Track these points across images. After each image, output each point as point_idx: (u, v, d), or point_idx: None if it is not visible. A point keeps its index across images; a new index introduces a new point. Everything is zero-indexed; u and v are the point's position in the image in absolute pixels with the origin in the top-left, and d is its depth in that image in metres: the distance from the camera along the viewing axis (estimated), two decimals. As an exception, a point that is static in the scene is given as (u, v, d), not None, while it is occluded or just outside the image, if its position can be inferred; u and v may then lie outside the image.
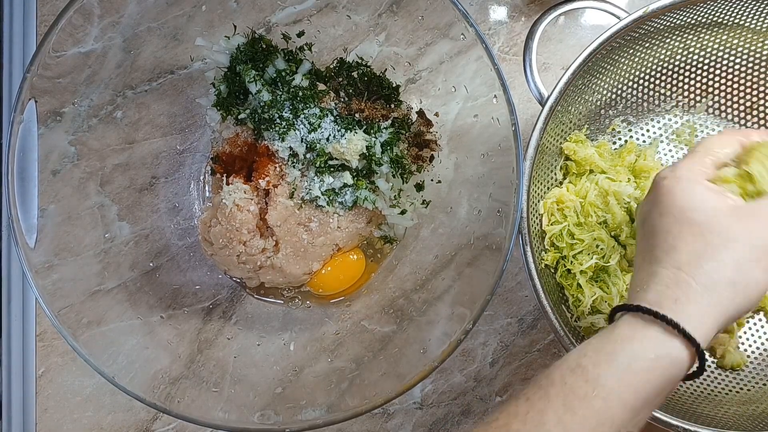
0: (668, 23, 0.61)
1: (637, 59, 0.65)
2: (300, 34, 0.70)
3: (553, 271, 0.64)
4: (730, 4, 0.60)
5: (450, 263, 0.67)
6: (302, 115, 0.64)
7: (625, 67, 0.65)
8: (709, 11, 0.60)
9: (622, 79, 0.66)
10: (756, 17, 0.61)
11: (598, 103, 0.66)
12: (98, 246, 0.66)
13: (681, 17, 0.61)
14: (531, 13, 0.74)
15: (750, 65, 0.65)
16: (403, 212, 0.68)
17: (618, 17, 0.60)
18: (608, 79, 0.65)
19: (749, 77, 0.65)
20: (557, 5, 0.61)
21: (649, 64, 0.66)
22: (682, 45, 0.64)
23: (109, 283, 0.66)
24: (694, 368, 0.43)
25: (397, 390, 0.59)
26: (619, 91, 0.67)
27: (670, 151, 0.68)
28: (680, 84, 0.67)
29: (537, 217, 0.63)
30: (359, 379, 0.64)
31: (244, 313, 0.70)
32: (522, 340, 0.71)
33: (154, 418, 0.71)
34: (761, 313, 0.66)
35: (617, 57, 0.64)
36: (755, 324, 0.66)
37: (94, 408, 0.72)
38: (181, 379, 0.64)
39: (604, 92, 0.66)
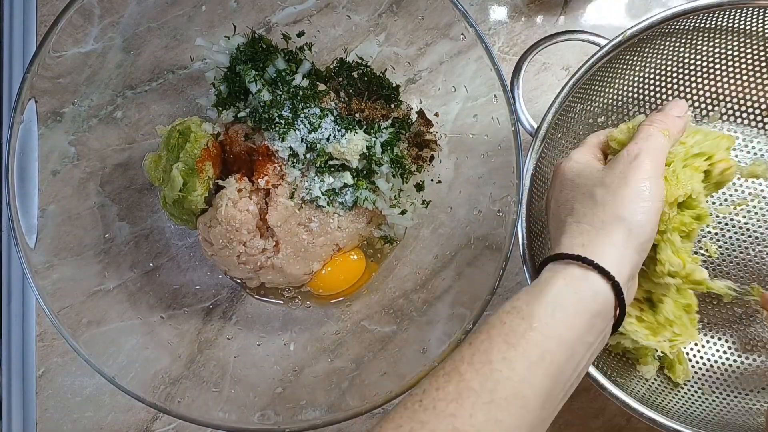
0: (652, 39, 0.61)
1: (632, 77, 0.65)
2: (300, 34, 0.70)
3: None
4: (708, 14, 0.60)
5: (450, 263, 0.67)
6: (302, 115, 0.65)
7: (621, 87, 0.65)
8: (691, 22, 0.61)
9: (622, 98, 0.66)
10: (744, 21, 0.61)
11: (602, 124, 0.67)
12: (98, 246, 0.66)
13: (663, 30, 0.61)
14: (531, 13, 0.74)
15: (753, 68, 0.64)
16: (403, 212, 0.68)
17: (598, 45, 0.61)
18: (605, 101, 0.65)
19: (757, 81, 0.65)
20: (540, 42, 0.63)
21: (650, 79, 0.66)
22: (676, 57, 0.64)
23: (109, 283, 0.66)
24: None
25: (397, 390, 0.59)
26: (623, 110, 0.66)
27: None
28: (689, 94, 0.67)
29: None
30: (359, 379, 0.64)
31: (244, 314, 0.70)
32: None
33: (154, 418, 0.71)
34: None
35: (610, 79, 0.64)
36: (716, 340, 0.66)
37: (94, 408, 0.72)
38: (181, 379, 0.64)
39: (606, 114, 0.66)
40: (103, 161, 0.67)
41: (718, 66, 0.65)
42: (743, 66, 0.65)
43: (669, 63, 0.65)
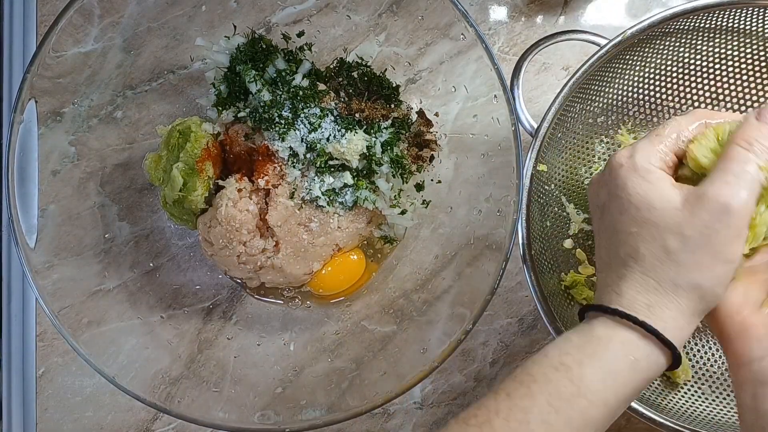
0: (652, 39, 0.61)
1: (632, 77, 0.65)
2: (300, 34, 0.70)
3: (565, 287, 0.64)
4: (708, 14, 0.60)
5: (450, 263, 0.67)
6: (302, 115, 0.65)
7: (621, 87, 0.65)
8: (691, 22, 0.60)
9: (622, 98, 0.66)
10: (744, 21, 0.61)
11: (602, 124, 0.67)
12: (98, 246, 0.66)
13: (663, 30, 0.61)
14: (531, 13, 0.74)
15: (754, 68, 0.64)
16: (403, 212, 0.68)
17: (598, 45, 0.61)
18: (606, 101, 0.65)
19: (757, 80, 0.65)
20: (540, 42, 0.62)
21: (649, 79, 0.65)
22: (676, 57, 0.64)
23: (109, 283, 0.66)
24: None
25: (397, 390, 0.59)
26: (623, 110, 0.66)
27: None
28: (688, 95, 0.66)
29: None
30: (359, 379, 0.64)
31: (244, 313, 0.70)
32: (522, 340, 0.71)
33: (154, 418, 0.71)
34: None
35: (610, 79, 0.64)
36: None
37: (94, 408, 0.72)
38: (181, 379, 0.64)
39: (606, 114, 0.66)
40: (103, 161, 0.67)
41: (718, 66, 0.65)
42: (743, 66, 0.65)
43: (669, 63, 0.65)
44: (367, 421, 0.70)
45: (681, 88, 0.66)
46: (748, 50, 0.63)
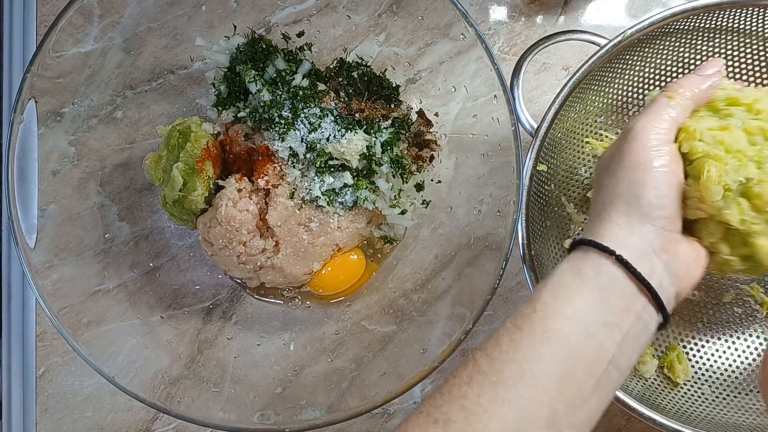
0: (652, 39, 0.61)
1: (632, 77, 0.65)
2: (300, 34, 0.70)
3: None
4: (708, 14, 0.60)
5: (450, 263, 0.67)
6: (302, 115, 0.65)
7: (621, 87, 0.65)
8: (690, 22, 0.60)
9: (622, 98, 0.66)
10: (744, 21, 0.61)
11: (602, 124, 0.67)
12: (98, 246, 0.66)
13: (663, 30, 0.61)
14: (531, 13, 0.74)
15: (752, 67, 0.64)
16: (403, 212, 0.68)
17: (598, 44, 0.61)
18: (605, 101, 0.65)
19: (756, 80, 0.65)
20: (540, 42, 0.62)
21: (649, 79, 0.65)
22: (676, 57, 0.64)
23: (109, 283, 0.66)
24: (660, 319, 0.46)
25: (397, 390, 0.59)
26: (623, 110, 0.66)
27: None
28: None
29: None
30: (359, 379, 0.64)
31: (244, 313, 0.70)
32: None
33: (154, 418, 0.71)
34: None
35: (610, 79, 0.64)
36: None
37: (94, 408, 0.72)
38: (181, 379, 0.64)
39: (606, 114, 0.66)
40: (103, 161, 0.67)
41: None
42: (743, 66, 0.65)
43: (669, 63, 0.65)
44: (367, 421, 0.70)
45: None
46: (748, 50, 0.63)
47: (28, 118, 0.61)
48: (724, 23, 0.62)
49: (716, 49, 0.64)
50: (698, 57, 0.65)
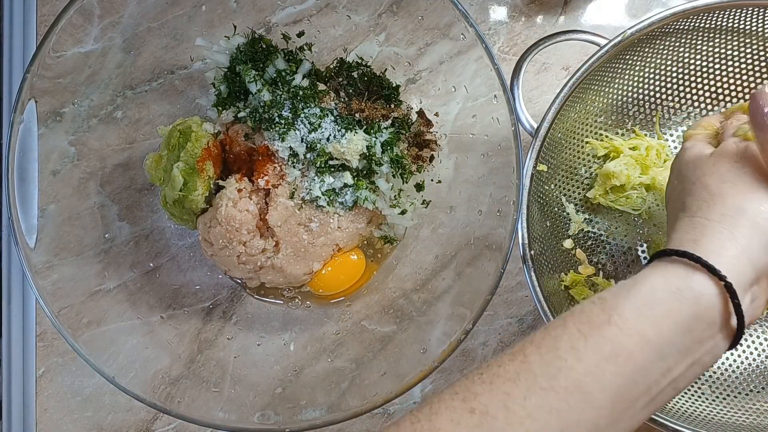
0: (652, 39, 0.61)
1: (632, 77, 0.65)
2: (300, 34, 0.70)
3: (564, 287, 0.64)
4: (708, 14, 0.60)
5: (450, 263, 0.67)
6: (302, 115, 0.65)
7: (621, 87, 0.65)
8: (690, 22, 0.61)
9: (622, 99, 0.66)
10: (744, 21, 0.61)
11: (602, 124, 0.67)
12: (98, 246, 0.66)
13: (663, 30, 0.61)
14: (531, 13, 0.74)
15: (752, 68, 0.65)
16: (403, 212, 0.68)
17: (598, 44, 0.61)
18: (605, 101, 0.65)
19: (757, 80, 0.65)
20: (540, 42, 0.62)
21: (649, 79, 0.66)
22: (676, 57, 0.64)
23: (109, 283, 0.66)
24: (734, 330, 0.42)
25: (397, 390, 0.59)
26: (623, 110, 0.67)
27: None
28: (688, 95, 0.67)
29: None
30: (359, 379, 0.64)
31: (244, 313, 0.70)
32: (522, 340, 0.71)
33: (154, 418, 0.71)
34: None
35: (610, 80, 0.64)
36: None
37: (94, 408, 0.72)
38: (181, 379, 0.64)
39: (606, 115, 0.66)
40: (103, 161, 0.67)
41: (717, 66, 0.65)
42: (743, 66, 0.65)
43: (669, 63, 0.65)
44: (367, 421, 0.70)
45: (681, 88, 0.67)
46: (748, 50, 0.63)
47: (28, 118, 0.61)
48: (724, 23, 0.62)
49: (716, 49, 0.64)
50: (698, 57, 0.65)
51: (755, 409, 0.62)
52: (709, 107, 0.67)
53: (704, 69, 0.65)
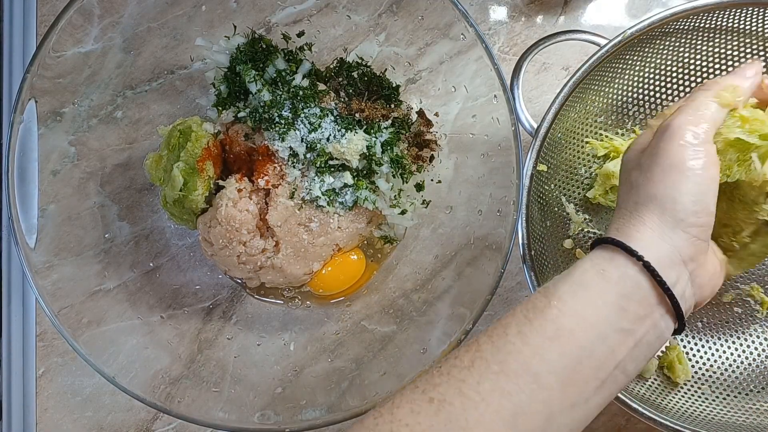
0: (652, 39, 0.61)
1: (631, 77, 0.65)
2: (300, 34, 0.70)
3: None
4: (707, 14, 0.60)
5: (450, 263, 0.67)
6: (302, 115, 0.65)
7: (621, 87, 0.65)
8: (690, 22, 0.61)
9: (622, 99, 0.66)
10: (743, 21, 0.61)
11: (602, 124, 0.67)
12: (98, 246, 0.66)
13: (663, 30, 0.61)
14: (531, 13, 0.74)
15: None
16: (403, 212, 0.68)
17: (598, 44, 0.61)
18: (605, 101, 0.65)
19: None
20: (539, 42, 0.62)
21: (649, 79, 0.66)
22: (676, 57, 0.64)
23: (109, 283, 0.66)
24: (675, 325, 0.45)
25: (397, 390, 0.59)
26: (623, 110, 0.67)
27: None
28: (687, 94, 0.67)
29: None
30: (359, 379, 0.64)
31: (244, 313, 0.70)
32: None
33: (154, 418, 0.71)
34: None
35: (610, 80, 0.64)
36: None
37: (94, 408, 0.72)
38: (181, 379, 0.64)
39: (606, 115, 0.66)
40: (103, 161, 0.67)
41: (717, 65, 0.65)
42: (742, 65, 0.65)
43: (669, 62, 0.65)
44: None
45: (681, 88, 0.67)
46: (748, 50, 0.63)
47: (28, 118, 0.61)
48: (724, 23, 0.62)
49: (716, 49, 0.64)
50: (697, 57, 0.65)
51: (755, 409, 0.62)
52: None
53: (703, 69, 0.65)
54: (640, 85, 0.66)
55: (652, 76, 0.66)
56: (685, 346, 0.65)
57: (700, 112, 0.46)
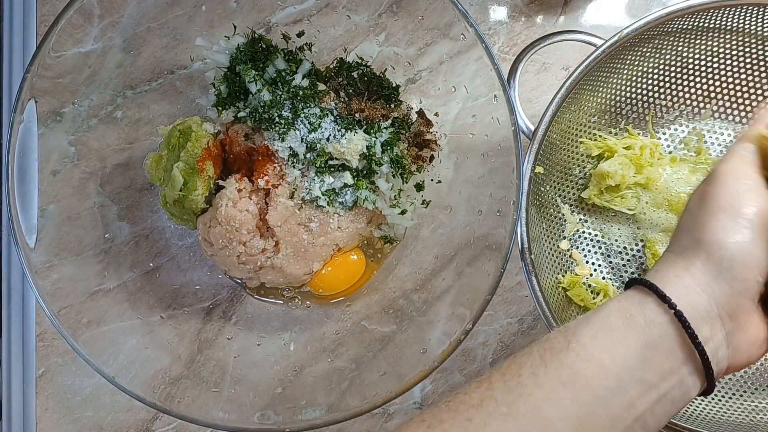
0: (649, 39, 0.61)
1: (626, 77, 0.65)
2: (300, 34, 0.70)
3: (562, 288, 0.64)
4: (706, 14, 0.60)
5: (450, 263, 0.67)
6: (302, 115, 0.65)
7: (615, 87, 0.65)
8: (687, 21, 0.61)
9: (616, 98, 0.66)
10: (740, 21, 0.61)
11: (596, 124, 0.67)
12: (98, 246, 0.66)
13: (660, 30, 0.61)
14: (531, 13, 0.74)
15: (744, 65, 0.65)
16: (403, 212, 0.68)
17: (594, 45, 0.60)
18: (599, 101, 0.65)
19: (748, 77, 0.65)
20: (535, 43, 0.62)
21: (642, 78, 0.66)
22: (675, 54, 0.65)
23: (109, 283, 0.66)
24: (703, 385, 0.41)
25: (397, 390, 0.59)
26: (617, 110, 0.67)
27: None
28: (680, 93, 0.67)
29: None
30: (359, 379, 0.64)
31: (244, 313, 0.70)
32: (522, 340, 0.71)
33: (154, 418, 0.71)
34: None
35: (604, 79, 0.64)
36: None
37: (94, 408, 0.72)
38: (181, 379, 0.64)
39: (599, 114, 0.66)
40: (103, 161, 0.67)
41: (711, 64, 0.65)
42: (734, 64, 0.65)
43: (662, 62, 0.65)
44: (367, 421, 0.70)
45: (673, 87, 0.67)
46: (741, 49, 0.64)
47: (28, 118, 0.61)
48: (724, 23, 0.62)
49: (715, 49, 0.64)
50: (698, 57, 0.65)
51: (754, 407, 0.62)
52: (701, 104, 0.67)
53: (696, 67, 0.66)
54: (635, 84, 0.66)
55: (644, 74, 0.66)
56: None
57: (743, 152, 0.44)
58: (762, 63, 0.64)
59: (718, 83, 0.66)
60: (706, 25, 0.62)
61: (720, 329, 0.41)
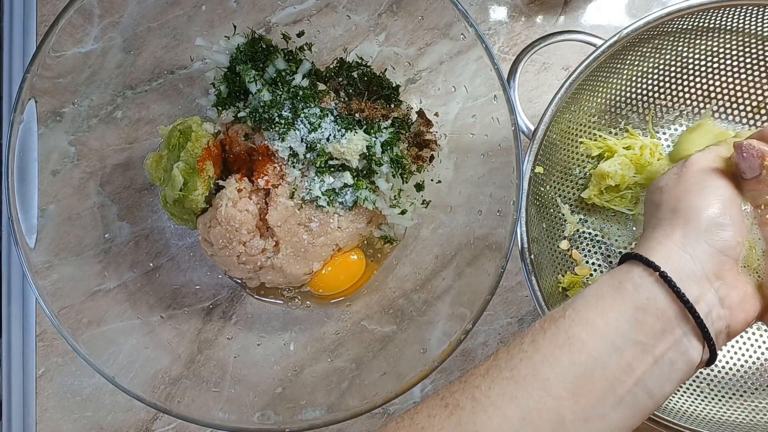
0: (649, 39, 0.61)
1: (626, 77, 0.65)
2: (300, 34, 0.70)
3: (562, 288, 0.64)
4: (705, 14, 0.60)
5: (450, 263, 0.67)
6: (302, 115, 0.65)
7: (615, 87, 0.65)
8: (686, 21, 0.61)
9: (616, 98, 0.66)
10: (740, 21, 0.61)
11: (595, 125, 0.67)
12: (98, 246, 0.66)
13: (660, 30, 0.61)
14: (531, 13, 0.74)
15: (744, 65, 0.65)
16: (403, 212, 0.68)
17: (594, 45, 0.60)
18: (599, 101, 0.65)
19: (748, 78, 0.65)
20: (535, 43, 0.62)
21: (642, 78, 0.66)
22: (675, 54, 0.65)
23: (109, 283, 0.66)
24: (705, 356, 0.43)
25: (397, 390, 0.59)
26: (616, 110, 0.67)
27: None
28: (680, 93, 0.67)
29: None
30: (359, 379, 0.64)
31: (244, 313, 0.70)
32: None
33: (154, 418, 0.71)
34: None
35: (604, 79, 0.64)
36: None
37: (94, 408, 0.72)
38: (181, 379, 0.64)
39: (599, 114, 0.66)
40: (103, 161, 0.67)
41: (711, 64, 0.65)
42: (735, 64, 0.65)
43: (662, 62, 0.65)
44: (367, 421, 0.70)
45: (673, 87, 0.67)
46: (747, 50, 0.64)
47: (28, 118, 0.61)
48: (724, 23, 0.62)
49: (715, 49, 0.64)
50: (698, 57, 0.65)
51: (753, 407, 0.62)
52: (701, 104, 0.67)
53: (696, 67, 0.66)
54: (635, 84, 0.66)
55: (647, 75, 0.66)
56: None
57: (718, 151, 0.48)
58: (762, 63, 0.64)
59: (718, 83, 0.66)
60: (706, 25, 0.62)
61: (709, 288, 0.42)
